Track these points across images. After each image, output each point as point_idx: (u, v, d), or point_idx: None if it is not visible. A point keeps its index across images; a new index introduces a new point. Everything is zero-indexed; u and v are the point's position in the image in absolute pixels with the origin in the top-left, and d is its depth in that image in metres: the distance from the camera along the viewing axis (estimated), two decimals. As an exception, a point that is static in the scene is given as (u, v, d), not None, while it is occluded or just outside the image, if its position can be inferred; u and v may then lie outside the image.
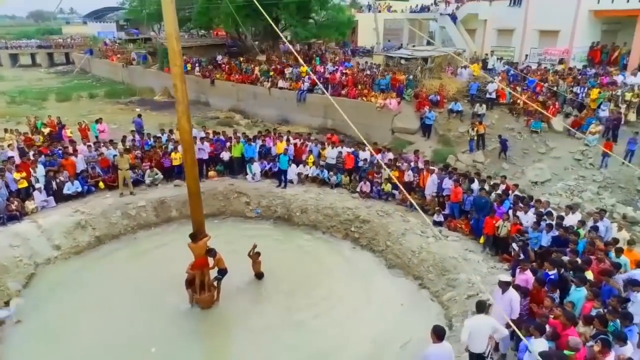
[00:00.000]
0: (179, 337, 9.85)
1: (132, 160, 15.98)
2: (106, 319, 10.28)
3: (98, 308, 10.68)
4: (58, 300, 10.99)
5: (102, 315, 10.42)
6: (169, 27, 8.70)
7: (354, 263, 12.67)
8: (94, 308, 10.69)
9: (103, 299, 11.00)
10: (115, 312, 10.54)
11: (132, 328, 10.06)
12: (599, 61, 25.84)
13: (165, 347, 9.44)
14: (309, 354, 9.28)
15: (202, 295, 10.39)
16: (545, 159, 17.62)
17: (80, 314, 10.52)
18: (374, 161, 16.27)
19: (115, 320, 10.26)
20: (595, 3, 25.23)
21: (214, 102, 31.68)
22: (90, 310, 10.61)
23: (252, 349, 9.48)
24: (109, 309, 10.60)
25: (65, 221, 13.44)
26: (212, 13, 32.13)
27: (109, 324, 10.11)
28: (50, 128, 20.64)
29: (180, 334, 9.93)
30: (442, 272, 11.23)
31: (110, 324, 10.10)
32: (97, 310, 10.61)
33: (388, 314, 10.36)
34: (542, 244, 10.76)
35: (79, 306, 10.77)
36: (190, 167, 9.62)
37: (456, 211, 13.61)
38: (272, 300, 10.94)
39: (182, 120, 9.17)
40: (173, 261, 12.26)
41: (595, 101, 18.32)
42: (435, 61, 23.22)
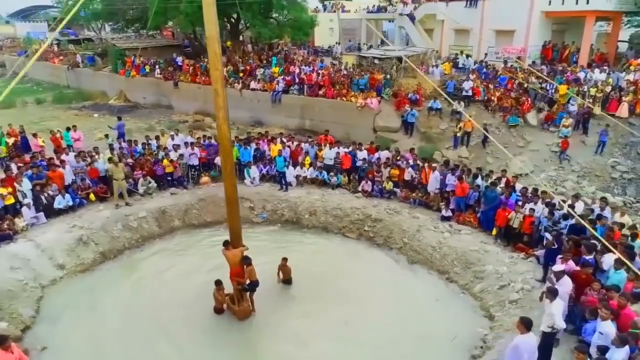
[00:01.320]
0: (214, 349, 9.56)
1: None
2: (133, 336, 9.79)
3: (122, 326, 10.11)
4: (77, 323, 10.23)
5: (127, 333, 9.89)
6: (210, 29, 8.36)
7: (375, 262, 12.84)
8: (117, 327, 10.11)
9: (124, 317, 10.44)
10: (141, 328, 10.05)
11: (163, 344, 9.62)
12: (551, 59, 27.71)
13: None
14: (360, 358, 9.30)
15: (240, 306, 10.08)
16: (525, 152, 18.74)
17: (104, 335, 9.91)
18: (373, 160, 16.55)
19: (143, 337, 9.80)
20: (547, 4, 27.04)
21: (178, 105, 30.61)
22: (115, 330, 10.03)
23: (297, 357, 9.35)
24: (133, 327, 10.08)
25: (65, 238, 12.51)
26: (170, 13, 30.97)
27: (137, 341, 9.65)
28: (14, 137, 19.06)
29: (215, 346, 9.63)
30: (467, 265, 11.68)
31: (139, 342, 9.64)
32: (122, 329, 10.04)
33: (425, 310, 10.63)
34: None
35: (101, 326, 10.13)
36: (230, 174, 9.31)
37: (462, 205, 14.16)
38: (306, 306, 10.84)
39: (223, 126, 8.86)
40: (188, 271, 12.03)
41: (564, 96, 19.70)
42: (410, 60, 23.85)
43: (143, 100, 32.85)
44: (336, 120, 22.87)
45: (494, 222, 13.04)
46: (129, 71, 32.62)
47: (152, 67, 32.27)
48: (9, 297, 10.27)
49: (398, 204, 15.13)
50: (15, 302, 10.26)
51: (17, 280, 10.84)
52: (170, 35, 44.89)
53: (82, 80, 38.37)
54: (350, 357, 9.27)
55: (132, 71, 32.44)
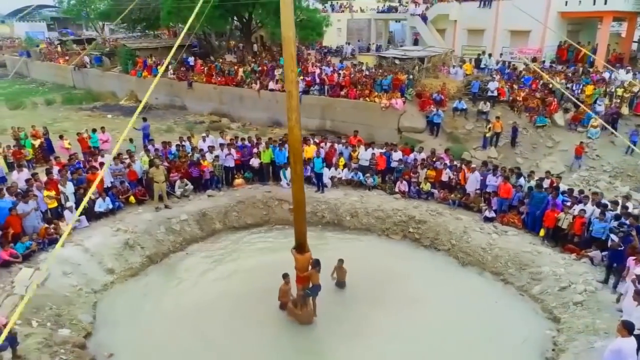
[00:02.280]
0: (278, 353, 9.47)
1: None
2: (194, 339, 9.67)
3: (182, 329, 9.97)
4: (137, 327, 10.07)
5: (188, 336, 9.76)
6: (286, 31, 8.24)
7: (426, 264, 12.79)
8: (178, 330, 9.96)
9: (183, 320, 10.29)
10: (201, 331, 9.92)
11: (225, 348, 9.50)
12: (566, 59, 27.89)
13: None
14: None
15: (303, 310, 9.97)
16: (555, 152, 18.81)
17: (166, 338, 9.78)
18: (408, 161, 16.50)
19: (205, 340, 9.67)
20: (564, 5, 27.22)
21: (192, 106, 30.37)
22: (176, 333, 9.88)
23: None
24: (193, 329, 9.95)
25: (111, 242, 12.30)
26: (183, 13, 30.68)
27: (199, 344, 9.51)
28: (39, 139, 18.78)
29: (279, 349, 9.54)
30: (521, 266, 11.67)
31: (201, 344, 9.49)
32: (182, 332, 9.90)
33: (487, 312, 10.57)
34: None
35: (162, 330, 9.99)
36: (299, 177, 9.20)
37: (505, 206, 14.15)
38: (365, 308, 10.73)
39: (295, 129, 8.76)
40: (237, 273, 12.02)
41: (590, 97, 19.80)
42: (432, 61, 23.89)
43: (155, 101, 32.47)
44: (359, 121, 22.77)
45: (540, 223, 13.06)
46: (140, 71, 32.30)
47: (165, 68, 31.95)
48: (66, 303, 10.09)
49: (437, 205, 15.08)
50: (73, 308, 10.08)
51: (71, 285, 10.66)
52: (172, 35, 44.63)
53: (89, 81, 37.96)
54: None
55: (144, 72, 32.11)
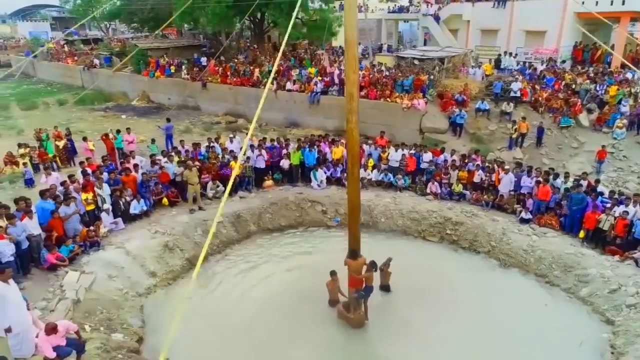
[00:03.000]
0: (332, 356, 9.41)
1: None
2: (248, 344, 9.59)
3: (234, 334, 9.89)
4: (187, 331, 9.92)
5: (242, 341, 9.68)
6: (349, 32, 8.15)
7: (466, 265, 12.72)
8: (229, 335, 9.89)
9: (233, 324, 10.22)
10: (252, 335, 9.83)
11: (281, 351, 9.42)
12: (581, 60, 27.89)
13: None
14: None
15: (355, 314, 9.89)
16: (581, 153, 18.77)
17: (217, 342, 9.70)
18: (439, 162, 16.44)
19: (258, 343, 9.61)
20: (580, 5, 27.19)
21: (206, 107, 30.22)
22: (229, 339, 9.81)
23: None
24: (244, 334, 9.86)
25: (151, 244, 12.19)
26: (196, 13, 30.55)
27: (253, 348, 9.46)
28: (63, 141, 18.63)
29: (330, 352, 9.49)
30: (566, 268, 11.62)
31: (255, 349, 9.44)
32: (235, 337, 9.83)
33: (537, 315, 10.51)
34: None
35: (212, 334, 9.89)
36: (356, 179, 9.12)
37: (542, 208, 14.09)
38: (414, 310, 10.64)
39: (354, 131, 8.68)
40: (282, 276, 11.89)
41: (614, 97, 19.79)
42: (452, 61, 23.84)
43: (167, 101, 32.36)
44: (379, 122, 22.69)
45: (579, 224, 13.03)
46: (153, 72, 32.12)
47: (177, 68, 31.84)
48: (115, 307, 9.97)
49: (470, 206, 15.02)
50: (122, 312, 9.96)
51: (117, 289, 10.54)
52: (178, 35, 44.47)
53: (99, 81, 37.59)
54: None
55: (156, 72, 31.94)
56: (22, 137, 22.38)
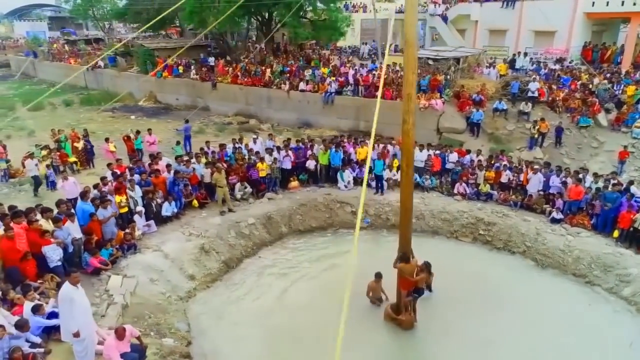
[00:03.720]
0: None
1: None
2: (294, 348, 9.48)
3: (279, 338, 9.79)
4: (234, 335, 9.86)
5: (289, 345, 9.58)
6: (409, 32, 8.09)
7: (503, 266, 12.69)
8: (275, 339, 9.80)
9: (278, 327, 10.10)
10: (297, 337, 9.77)
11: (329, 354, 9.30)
12: (591, 60, 28.05)
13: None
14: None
15: (406, 316, 9.83)
16: (601, 153, 18.85)
17: (267, 349, 9.55)
18: (465, 162, 16.43)
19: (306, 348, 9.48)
20: (590, 5, 27.37)
21: (216, 107, 30.02)
22: (275, 342, 9.70)
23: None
24: (290, 337, 9.76)
25: (187, 247, 12.04)
26: (205, 12, 30.32)
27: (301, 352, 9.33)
28: (82, 142, 18.40)
29: (379, 354, 9.43)
30: (606, 268, 11.64)
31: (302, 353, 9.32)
32: (280, 340, 9.73)
33: (582, 315, 10.51)
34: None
35: (259, 340, 9.76)
36: (410, 180, 9.05)
37: (574, 208, 14.12)
38: (459, 312, 10.57)
39: (411, 132, 8.63)
40: (320, 278, 11.88)
41: (632, 97, 19.92)
42: (468, 61, 23.87)
43: (176, 102, 32.18)
44: (395, 122, 22.17)
45: (613, 224, 13.07)
46: (160, 72, 31.81)
47: (185, 68, 31.63)
48: (161, 311, 9.82)
49: (498, 206, 15.03)
50: (168, 316, 9.81)
51: (160, 292, 10.39)
52: (179, 34, 44.17)
53: (104, 82, 37.44)
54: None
55: (164, 72, 31.68)
56: (34, 139, 22.12)
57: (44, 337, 7.56)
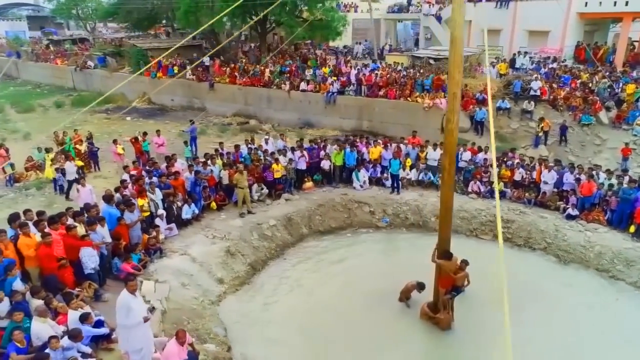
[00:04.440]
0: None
1: (231, 176, 14.60)
2: (332, 349, 9.40)
3: (317, 341, 9.70)
4: (270, 341, 9.73)
5: (328, 348, 9.48)
6: (457, 30, 8.11)
7: (525, 263, 12.79)
8: (312, 341, 9.71)
9: (314, 330, 10.03)
10: (338, 340, 9.70)
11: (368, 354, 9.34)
12: (584, 59, 28.66)
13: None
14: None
15: (445, 315, 9.85)
16: (605, 150, 19.27)
17: (305, 348, 9.48)
18: (477, 161, 16.59)
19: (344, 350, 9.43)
20: (583, 6, 27.96)
21: (213, 108, 29.69)
22: (313, 345, 9.61)
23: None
24: (326, 338, 9.73)
25: (213, 250, 11.86)
26: (201, 12, 29.96)
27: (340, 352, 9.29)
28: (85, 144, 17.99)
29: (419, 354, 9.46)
30: (629, 262, 11.89)
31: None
32: (318, 343, 9.64)
33: (611, 310, 10.69)
34: None
35: (296, 344, 9.66)
36: (452, 179, 9.09)
37: (587, 204, 14.38)
38: (490, 313, 10.51)
39: (455, 131, 8.65)
40: (347, 278, 11.87)
41: (631, 95, 20.42)
42: (469, 60, 24.12)
43: (171, 103, 31.72)
44: (399, 121, 22.81)
45: (629, 219, 13.35)
46: (155, 72, 31.32)
47: (180, 68, 31.15)
48: (197, 316, 9.64)
49: (513, 204, 15.21)
50: (204, 321, 9.63)
51: (193, 297, 10.20)
52: (165, 34, 43.56)
53: (93, 82, 36.59)
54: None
55: (158, 72, 31.18)
56: (30, 142, 21.54)
57: (93, 346, 7.32)
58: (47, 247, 8.01)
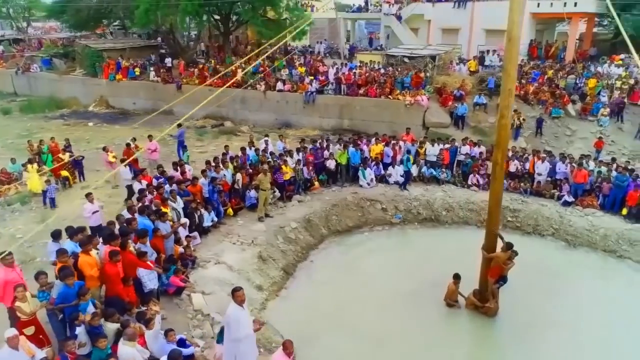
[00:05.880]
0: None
1: (244, 179, 14.24)
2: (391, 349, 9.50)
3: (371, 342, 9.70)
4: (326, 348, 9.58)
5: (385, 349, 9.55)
6: (513, 29, 8.41)
7: (537, 249, 13.43)
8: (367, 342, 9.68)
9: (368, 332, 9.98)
10: (386, 340, 9.75)
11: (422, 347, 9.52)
12: (537, 56, 30.70)
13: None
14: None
15: (493, 303, 10.21)
16: (576, 140, 20.78)
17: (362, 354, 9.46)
18: (474, 154, 17.27)
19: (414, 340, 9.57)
20: (536, 6, 29.87)
21: (181, 110, 28.20)
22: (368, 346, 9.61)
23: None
24: (380, 339, 9.73)
25: (246, 257, 11.48)
26: (163, 11, 28.71)
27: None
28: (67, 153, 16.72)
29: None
30: (632, 242, 12.95)
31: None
32: (374, 345, 9.64)
33: (626, 287, 11.60)
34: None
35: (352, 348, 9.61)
36: (502, 173, 9.46)
37: (580, 191, 15.45)
38: (520, 299, 10.93)
39: (507, 126, 8.97)
40: (381, 276, 11.96)
41: (593, 89, 22.17)
42: (443, 58, 25.00)
43: (133, 106, 30.07)
44: (380, 119, 23.19)
45: (621, 203, 14.53)
46: (113, 74, 29.61)
47: (142, 70, 29.71)
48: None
49: (509, 194, 15.98)
50: (261, 330, 9.28)
51: (243, 307, 9.79)
52: (109, 33, 41.36)
53: (39, 86, 33.85)
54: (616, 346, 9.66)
55: (117, 74, 29.51)
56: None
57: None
58: (115, 266, 7.36)
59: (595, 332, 9.94)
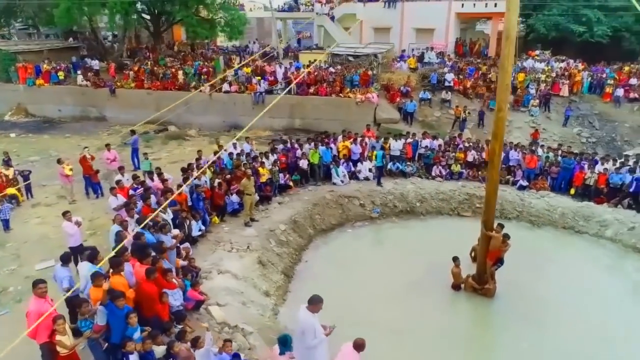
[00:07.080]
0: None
1: (224, 185, 13.82)
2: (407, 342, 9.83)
3: (389, 341, 9.92)
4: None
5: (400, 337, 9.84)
6: (510, 30, 9.04)
7: (511, 231, 14.43)
8: (387, 341, 9.87)
9: (383, 332, 10.15)
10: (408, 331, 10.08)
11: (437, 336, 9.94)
12: (462, 53, 32.96)
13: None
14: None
15: (492, 284, 10.93)
16: (513, 130, 22.69)
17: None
18: (434, 147, 18.22)
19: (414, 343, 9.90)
20: (460, 7, 32.02)
21: (115, 116, 26.82)
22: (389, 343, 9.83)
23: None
24: (396, 330, 10.00)
25: (247, 264, 11.15)
26: (91, 9, 26.71)
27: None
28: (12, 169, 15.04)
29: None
30: (586, 218, 14.51)
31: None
32: (391, 344, 9.88)
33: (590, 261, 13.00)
34: (626, 182, 15.16)
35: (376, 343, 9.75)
36: (499, 162, 10.10)
37: (532, 175, 16.96)
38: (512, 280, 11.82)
39: (505, 119, 9.63)
40: (379, 270, 12.22)
41: (522, 82, 24.35)
42: (387, 56, 25.91)
43: (58, 114, 27.60)
44: (332, 117, 23.54)
45: (568, 184, 16.20)
46: (32, 79, 26.94)
47: (66, 74, 27.33)
48: (276, 333, 9.07)
49: (470, 182, 17.16)
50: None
51: (259, 314, 9.57)
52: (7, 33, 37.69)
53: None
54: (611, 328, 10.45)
55: (39, 79, 26.89)
56: None
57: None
58: (153, 284, 6.79)
59: (577, 300, 11.08)
